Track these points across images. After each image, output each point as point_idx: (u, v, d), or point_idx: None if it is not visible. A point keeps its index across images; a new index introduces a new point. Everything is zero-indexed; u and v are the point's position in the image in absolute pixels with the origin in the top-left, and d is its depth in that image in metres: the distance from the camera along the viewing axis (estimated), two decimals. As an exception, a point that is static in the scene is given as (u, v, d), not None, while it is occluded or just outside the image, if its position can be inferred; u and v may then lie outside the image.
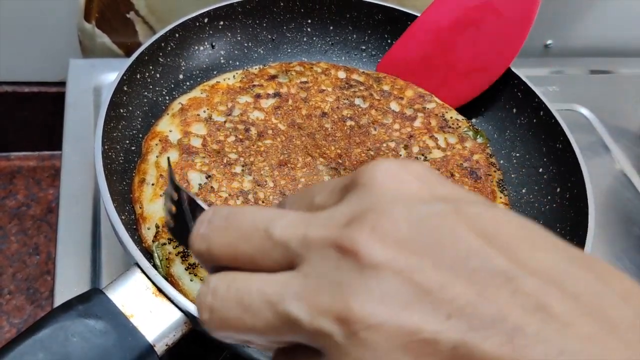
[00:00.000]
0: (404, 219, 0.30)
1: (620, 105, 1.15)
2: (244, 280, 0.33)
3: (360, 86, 0.85)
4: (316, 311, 0.29)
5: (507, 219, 0.31)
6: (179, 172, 0.69)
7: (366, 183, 0.33)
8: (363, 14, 0.91)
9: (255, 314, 0.32)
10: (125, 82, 0.73)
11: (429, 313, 0.27)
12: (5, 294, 1.04)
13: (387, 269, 0.28)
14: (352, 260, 0.29)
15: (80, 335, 0.52)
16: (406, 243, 0.29)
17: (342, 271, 0.29)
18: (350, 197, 0.33)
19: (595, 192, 0.71)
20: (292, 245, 0.32)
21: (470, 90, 0.86)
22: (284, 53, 0.91)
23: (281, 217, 0.34)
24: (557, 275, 0.28)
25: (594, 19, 1.24)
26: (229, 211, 0.36)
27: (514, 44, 0.83)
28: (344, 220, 0.31)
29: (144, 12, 1.02)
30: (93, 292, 0.55)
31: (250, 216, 0.35)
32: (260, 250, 0.33)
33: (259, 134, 0.76)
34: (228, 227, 0.35)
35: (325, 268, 0.30)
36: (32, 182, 1.18)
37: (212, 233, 0.35)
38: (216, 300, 0.33)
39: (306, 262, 0.31)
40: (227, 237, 0.35)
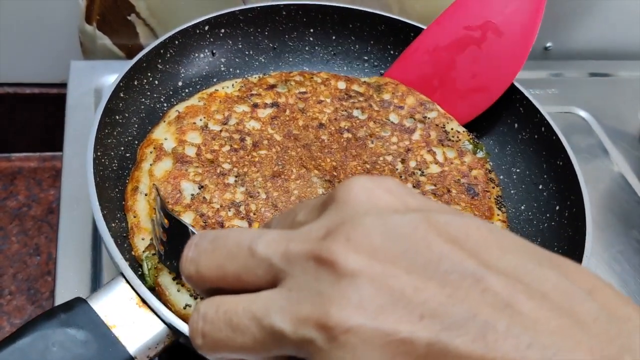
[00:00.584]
0: (377, 228, 0.32)
1: (619, 108, 1.15)
2: (230, 302, 0.35)
3: (359, 97, 0.84)
4: (298, 321, 0.31)
5: (476, 225, 0.33)
6: (172, 181, 0.69)
7: (341, 198, 0.35)
8: (366, 25, 0.91)
9: (244, 331, 0.34)
10: (122, 89, 0.73)
11: (404, 315, 0.29)
12: (5, 295, 1.04)
13: (362, 276, 0.30)
14: (330, 270, 0.31)
15: (61, 344, 0.52)
16: (380, 251, 0.31)
17: (321, 281, 0.31)
18: (327, 212, 0.35)
19: (594, 194, 0.71)
20: (274, 261, 0.34)
21: (471, 110, 0.85)
22: (286, 62, 0.91)
23: (263, 234, 0.36)
24: (524, 274, 0.31)
25: (593, 22, 1.23)
26: (215, 234, 0.38)
27: (515, 63, 0.82)
28: (322, 233, 0.33)
29: (145, 14, 1.01)
30: (76, 301, 0.55)
31: (234, 237, 0.37)
32: (246, 268, 0.35)
33: (254, 144, 0.75)
34: (214, 248, 0.37)
35: (305, 280, 0.32)
36: (33, 182, 1.18)
37: (199, 256, 0.38)
38: (206, 324, 0.35)
39: (289, 276, 0.33)
40: (214, 258, 0.37)
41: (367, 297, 0.30)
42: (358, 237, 0.32)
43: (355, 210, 0.34)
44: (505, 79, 0.82)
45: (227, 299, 0.35)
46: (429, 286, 0.30)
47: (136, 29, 1.03)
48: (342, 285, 0.31)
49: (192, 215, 0.66)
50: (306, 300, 0.31)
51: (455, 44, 0.85)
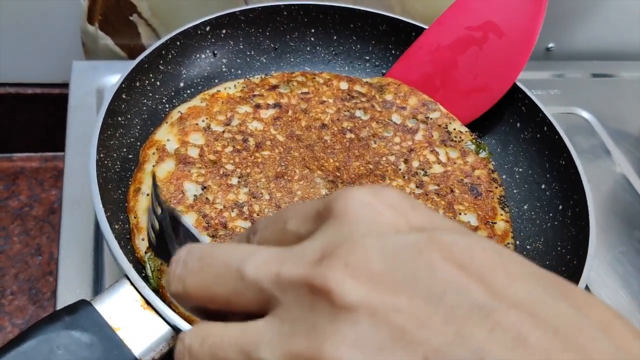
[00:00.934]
0: (378, 252, 0.29)
1: (622, 108, 1.14)
2: (217, 334, 0.33)
3: (361, 97, 0.84)
4: (289, 358, 0.29)
5: (482, 247, 0.30)
6: (175, 182, 0.69)
7: (339, 213, 0.32)
8: (367, 24, 0.91)
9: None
10: (124, 90, 0.73)
11: (405, 356, 0.27)
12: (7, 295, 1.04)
13: (360, 310, 0.28)
14: (325, 301, 0.29)
15: (66, 347, 0.52)
16: (380, 279, 0.28)
17: (315, 313, 0.29)
18: (322, 229, 0.32)
19: (596, 195, 0.71)
20: (265, 286, 0.31)
21: (473, 110, 0.85)
22: (287, 62, 0.91)
23: (253, 254, 0.33)
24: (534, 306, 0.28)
25: (595, 23, 1.23)
26: (203, 251, 0.35)
27: (517, 64, 0.82)
28: (317, 256, 0.30)
29: (147, 15, 1.01)
30: (81, 304, 0.55)
31: (223, 256, 0.34)
32: (234, 292, 0.33)
33: (257, 144, 0.75)
34: (202, 268, 0.35)
35: (299, 311, 0.30)
36: (35, 182, 1.18)
37: (187, 275, 0.35)
38: (192, 358, 0.33)
39: (280, 305, 0.31)
40: (201, 279, 0.34)
41: (364, 335, 0.27)
42: (357, 263, 0.29)
43: (354, 229, 0.31)
44: (507, 80, 0.82)
45: (213, 329, 0.33)
46: (433, 322, 0.27)
47: (138, 29, 1.03)
48: (338, 319, 0.28)
49: (195, 216, 0.66)
50: (299, 335, 0.29)
51: (457, 43, 0.85)
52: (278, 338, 0.30)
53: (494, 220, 0.74)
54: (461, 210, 0.74)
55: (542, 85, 1.12)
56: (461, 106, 0.85)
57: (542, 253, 0.73)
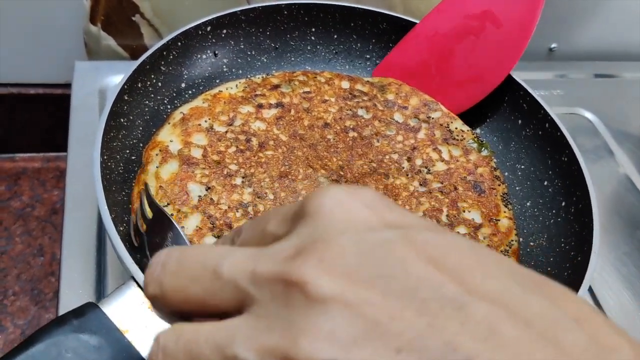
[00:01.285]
0: (352, 248, 0.29)
1: (625, 109, 1.15)
2: (192, 332, 0.32)
3: (363, 96, 0.84)
4: (264, 352, 0.29)
5: (457, 244, 0.30)
6: (179, 183, 0.69)
7: (314, 212, 0.32)
8: (368, 23, 0.91)
9: None
10: (126, 91, 0.73)
11: (379, 348, 0.27)
12: (9, 295, 1.04)
13: (335, 302, 0.28)
14: (300, 294, 0.29)
15: (74, 351, 0.52)
16: (354, 274, 0.29)
17: (290, 308, 0.29)
18: (298, 228, 0.32)
19: (599, 195, 0.71)
20: (240, 283, 0.31)
21: (466, 100, 0.85)
22: (288, 61, 0.91)
23: (229, 254, 0.33)
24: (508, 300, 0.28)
25: (598, 23, 1.24)
26: (181, 253, 0.35)
27: (512, 55, 0.82)
28: (292, 252, 0.30)
29: (149, 15, 1.01)
30: (88, 307, 0.55)
31: (199, 257, 0.34)
32: (210, 292, 0.33)
33: (260, 144, 0.75)
34: (179, 270, 0.35)
35: (274, 306, 0.30)
36: (37, 183, 1.18)
37: (164, 277, 0.35)
38: (166, 357, 0.33)
39: (256, 301, 0.31)
40: (178, 280, 0.34)
41: (339, 327, 0.27)
42: (331, 258, 0.29)
43: (328, 227, 0.31)
44: (502, 71, 0.82)
45: (188, 328, 0.33)
46: (406, 315, 0.27)
47: (140, 30, 1.03)
48: (312, 312, 0.28)
49: (200, 216, 0.66)
50: (274, 329, 0.29)
51: (455, 32, 0.85)
52: (253, 333, 0.29)
53: (497, 218, 0.74)
54: (465, 207, 0.74)
55: (545, 85, 1.12)
56: (455, 95, 0.85)
57: (546, 250, 0.73)
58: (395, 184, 0.75)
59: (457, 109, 0.85)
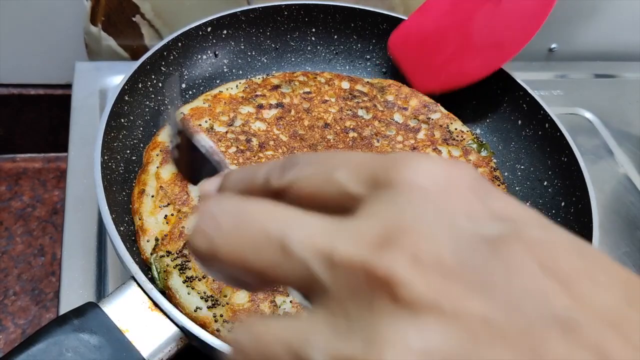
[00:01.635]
0: (452, 244, 0.25)
1: (624, 109, 1.15)
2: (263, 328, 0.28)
3: (363, 97, 0.84)
4: None
5: (567, 247, 0.26)
6: (179, 183, 0.69)
7: (404, 186, 0.27)
8: (367, 23, 0.91)
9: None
10: (127, 92, 0.73)
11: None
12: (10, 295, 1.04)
13: (429, 312, 0.24)
14: (387, 296, 0.24)
15: (75, 350, 0.52)
16: (455, 277, 0.24)
17: (374, 312, 0.25)
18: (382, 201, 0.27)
19: (599, 195, 0.71)
20: (314, 267, 0.27)
21: (481, 68, 0.83)
22: (288, 62, 0.91)
23: (299, 223, 0.28)
24: (618, 319, 0.24)
25: (598, 23, 1.24)
26: (239, 211, 0.30)
27: (533, 24, 0.80)
28: (377, 237, 0.26)
29: (150, 16, 1.02)
30: (88, 306, 0.56)
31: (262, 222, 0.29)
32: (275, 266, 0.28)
33: (261, 145, 0.75)
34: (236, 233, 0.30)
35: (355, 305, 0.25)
36: (38, 183, 1.18)
37: (217, 235, 0.30)
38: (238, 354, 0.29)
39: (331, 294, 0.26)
40: (234, 244, 0.29)
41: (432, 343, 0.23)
42: (427, 255, 0.24)
43: (423, 211, 0.26)
44: (522, 40, 0.81)
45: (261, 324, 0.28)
46: (509, 333, 0.23)
47: (141, 30, 1.03)
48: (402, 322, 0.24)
49: (200, 217, 0.67)
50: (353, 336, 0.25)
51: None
52: (329, 337, 0.25)
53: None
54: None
55: (545, 85, 1.12)
56: (473, 61, 0.84)
57: (545, 250, 0.73)
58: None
59: (472, 76, 0.84)
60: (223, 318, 0.59)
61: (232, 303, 0.60)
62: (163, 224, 0.66)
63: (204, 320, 0.59)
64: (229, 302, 0.60)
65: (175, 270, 0.62)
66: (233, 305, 0.60)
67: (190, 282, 0.61)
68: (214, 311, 0.60)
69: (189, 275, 0.62)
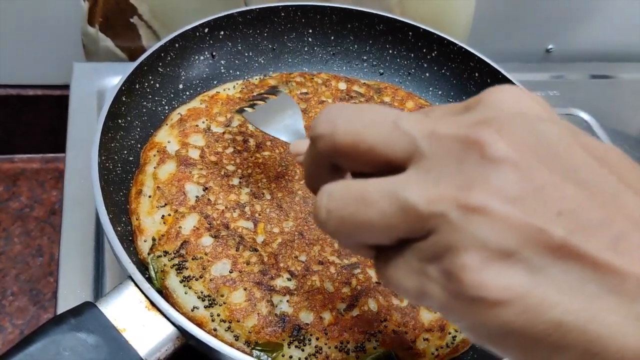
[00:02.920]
0: (526, 128, 0.32)
1: (621, 109, 1.15)
2: (359, 183, 0.34)
3: (360, 97, 0.85)
4: (435, 197, 0.31)
5: (612, 148, 0.34)
6: (176, 184, 0.69)
7: (491, 101, 0.35)
8: (364, 24, 0.91)
9: (373, 205, 0.33)
10: (124, 93, 0.73)
11: (542, 208, 0.30)
12: (8, 296, 1.04)
13: (508, 164, 0.31)
14: (476, 153, 0.31)
15: (72, 349, 0.53)
16: (527, 148, 0.31)
17: (464, 164, 0.31)
18: (475, 109, 0.35)
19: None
20: (417, 138, 0.33)
21: None
22: (285, 63, 0.91)
23: (407, 114, 0.35)
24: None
25: (594, 24, 1.24)
26: (358, 105, 0.37)
27: None
28: (472, 121, 0.33)
29: (148, 17, 1.02)
30: (86, 306, 0.56)
31: (378, 108, 0.36)
32: (384, 140, 0.34)
33: (257, 145, 0.76)
34: (357, 116, 0.36)
35: (447, 162, 0.32)
36: (36, 184, 1.19)
37: (339, 118, 0.36)
38: (332, 200, 0.35)
39: (426, 158, 0.33)
40: (353, 123, 0.36)
41: (510, 184, 0.30)
42: (509, 130, 0.32)
43: (505, 111, 0.34)
44: None
45: (355, 181, 0.35)
46: (568, 187, 0.30)
47: (138, 31, 1.03)
48: (486, 169, 0.31)
49: (197, 217, 0.67)
50: (445, 179, 0.31)
51: None
52: (423, 181, 0.32)
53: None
54: None
55: (542, 86, 1.12)
56: None
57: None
58: None
59: None
60: (220, 317, 0.60)
61: (229, 302, 0.61)
62: (160, 224, 0.66)
63: (201, 319, 0.59)
64: (226, 302, 0.61)
65: (172, 270, 0.62)
66: (230, 305, 0.60)
67: (187, 281, 0.62)
68: (211, 311, 0.60)
69: (186, 275, 0.62)
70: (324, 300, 0.63)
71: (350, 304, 0.63)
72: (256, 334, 0.59)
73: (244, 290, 0.62)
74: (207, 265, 0.63)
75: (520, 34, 1.21)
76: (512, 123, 0.32)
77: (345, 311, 0.62)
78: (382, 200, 0.33)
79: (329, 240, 0.68)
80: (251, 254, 0.65)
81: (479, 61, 0.87)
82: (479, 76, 0.87)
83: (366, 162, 0.36)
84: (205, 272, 0.62)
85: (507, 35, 1.20)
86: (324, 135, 0.37)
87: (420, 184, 0.32)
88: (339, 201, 0.35)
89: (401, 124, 0.34)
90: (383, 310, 0.63)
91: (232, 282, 0.62)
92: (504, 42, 1.18)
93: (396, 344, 0.62)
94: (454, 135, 0.32)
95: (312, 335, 0.60)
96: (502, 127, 0.32)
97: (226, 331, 0.59)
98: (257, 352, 0.59)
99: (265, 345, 0.59)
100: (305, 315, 0.62)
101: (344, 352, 0.60)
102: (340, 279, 0.65)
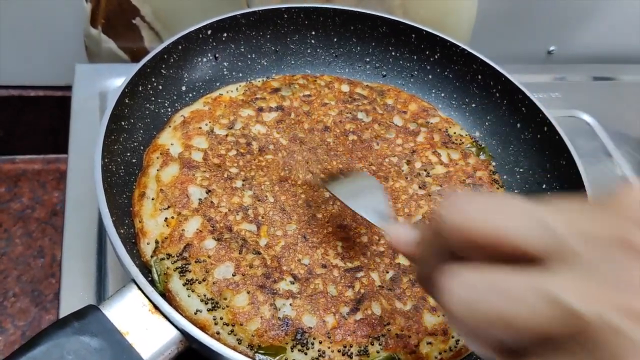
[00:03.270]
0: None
1: (622, 111, 1.15)
2: (501, 275, 0.33)
3: (363, 100, 0.85)
4: (593, 299, 0.30)
5: None
6: (179, 186, 0.69)
7: (630, 202, 0.35)
8: (367, 27, 0.91)
9: (520, 301, 0.32)
10: (127, 95, 0.73)
11: None
12: (10, 297, 1.04)
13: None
14: (634, 254, 0.31)
15: (76, 352, 0.52)
16: None
17: (623, 266, 0.31)
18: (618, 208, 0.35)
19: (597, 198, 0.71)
20: (566, 235, 0.33)
21: None
22: (288, 65, 0.91)
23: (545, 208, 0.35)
24: None
25: (596, 26, 1.24)
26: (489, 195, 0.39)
27: None
28: (620, 224, 0.33)
29: (150, 18, 1.02)
30: (89, 309, 0.56)
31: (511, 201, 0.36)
32: (527, 234, 0.34)
33: (261, 148, 0.76)
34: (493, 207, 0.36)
35: (607, 267, 0.31)
36: (37, 185, 1.18)
37: (473, 210, 0.36)
38: (469, 289, 0.34)
39: (581, 256, 0.32)
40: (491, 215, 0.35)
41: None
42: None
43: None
44: None
45: (493, 271, 0.34)
46: None
47: (141, 33, 1.03)
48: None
49: (200, 219, 0.67)
50: (605, 281, 0.31)
51: None
52: (582, 281, 0.31)
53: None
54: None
55: (544, 88, 1.12)
56: None
57: (544, 253, 0.73)
58: (395, 187, 0.75)
59: None
60: (223, 321, 0.60)
61: (232, 306, 0.60)
62: (163, 226, 0.66)
63: (204, 322, 0.59)
64: (229, 305, 0.61)
65: (175, 272, 0.62)
66: (233, 308, 0.60)
67: (190, 284, 0.61)
68: (214, 314, 0.60)
69: (189, 278, 0.62)
70: (327, 303, 0.63)
71: (354, 308, 0.63)
72: (259, 338, 0.59)
73: (247, 293, 0.62)
74: (210, 268, 0.63)
75: (522, 36, 1.21)
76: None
77: (348, 315, 0.62)
78: (531, 296, 0.32)
79: (332, 244, 0.68)
80: (254, 257, 0.64)
81: (481, 63, 0.86)
82: (481, 78, 0.87)
83: (500, 254, 0.34)
84: (208, 275, 0.62)
85: (509, 37, 1.20)
86: (455, 226, 0.36)
87: (577, 284, 0.31)
88: (477, 291, 0.33)
89: (547, 220, 0.34)
90: (386, 314, 0.63)
91: (235, 285, 0.62)
92: (506, 44, 1.18)
93: (399, 347, 0.62)
94: (608, 237, 0.32)
95: (315, 338, 0.60)
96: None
97: (229, 334, 0.59)
98: (260, 355, 0.59)
99: (268, 348, 0.59)
100: (309, 319, 0.61)
101: (347, 355, 0.60)
102: (344, 283, 0.65)
